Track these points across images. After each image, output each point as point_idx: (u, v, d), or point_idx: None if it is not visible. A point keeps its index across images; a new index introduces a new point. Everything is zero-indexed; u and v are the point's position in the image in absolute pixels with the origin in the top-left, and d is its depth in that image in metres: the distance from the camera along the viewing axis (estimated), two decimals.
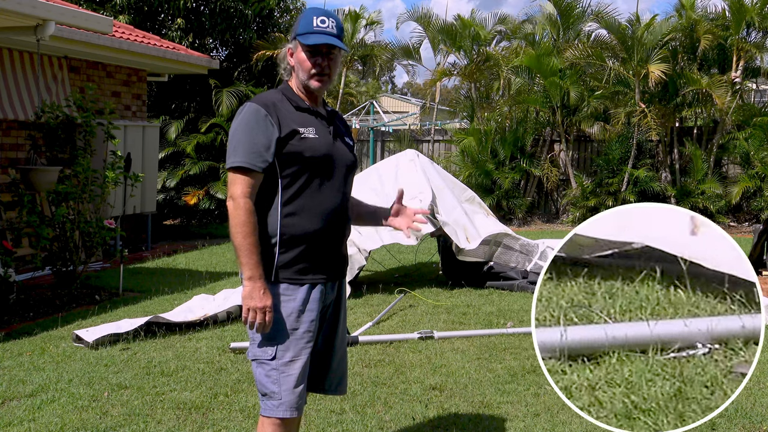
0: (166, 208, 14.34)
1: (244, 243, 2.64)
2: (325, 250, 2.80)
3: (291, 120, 2.74)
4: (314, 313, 2.77)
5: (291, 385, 2.71)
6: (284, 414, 2.70)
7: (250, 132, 2.69)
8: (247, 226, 2.64)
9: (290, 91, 2.83)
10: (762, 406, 4.32)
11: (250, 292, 2.65)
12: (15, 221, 7.26)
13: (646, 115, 14.23)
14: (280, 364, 2.71)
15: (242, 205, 2.65)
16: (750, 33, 14.89)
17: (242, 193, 2.66)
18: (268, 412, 2.72)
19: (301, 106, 2.80)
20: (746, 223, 14.45)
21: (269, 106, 2.73)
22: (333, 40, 2.76)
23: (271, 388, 2.71)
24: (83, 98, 7.74)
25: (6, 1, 5.96)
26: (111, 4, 12.77)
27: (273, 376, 2.71)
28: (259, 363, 2.75)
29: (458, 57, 17.23)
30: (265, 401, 2.73)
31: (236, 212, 2.65)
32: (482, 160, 15.36)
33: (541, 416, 4.12)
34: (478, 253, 7.83)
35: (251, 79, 14.78)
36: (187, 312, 6.19)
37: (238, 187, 2.67)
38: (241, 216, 2.64)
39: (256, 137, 2.68)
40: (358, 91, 30.92)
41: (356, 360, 5.13)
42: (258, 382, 2.76)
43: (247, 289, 2.65)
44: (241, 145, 2.68)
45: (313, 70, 2.77)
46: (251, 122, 2.70)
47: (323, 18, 2.77)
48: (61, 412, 4.11)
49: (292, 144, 2.71)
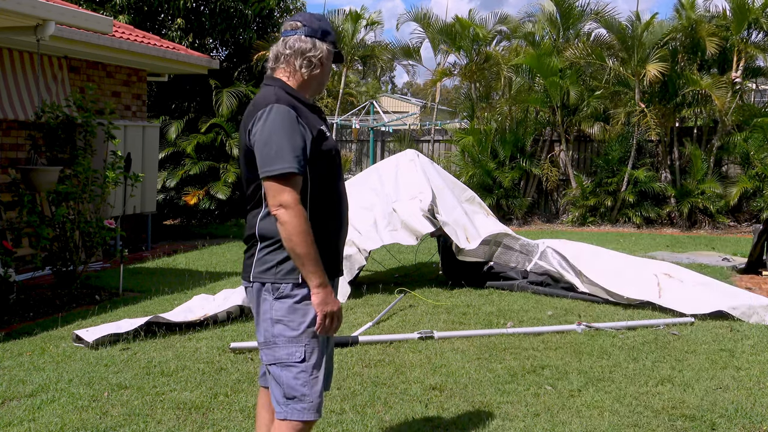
0: (166, 208, 14.34)
1: (311, 251, 2.58)
2: (339, 248, 2.83)
3: (312, 120, 2.72)
4: None
5: (319, 387, 2.70)
6: (312, 416, 2.67)
7: (286, 135, 2.60)
8: (309, 234, 2.58)
9: (295, 91, 2.77)
10: (762, 406, 4.32)
11: (324, 299, 2.62)
12: (15, 221, 7.26)
13: (645, 115, 14.23)
14: (309, 366, 2.67)
15: (299, 213, 2.57)
16: (751, 33, 14.88)
17: (294, 199, 2.57)
18: (297, 416, 2.66)
19: (314, 106, 2.81)
20: (746, 223, 14.45)
21: (296, 107, 2.67)
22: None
23: (302, 391, 2.65)
24: (83, 98, 7.74)
25: (6, 1, 5.96)
26: (111, 4, 12.76)
27: (303, 378, 2.66)
28: (284, 366, 2.67)
29: (458, 57, 17.23)
30: (293, 405, 2.66)
31: (295, 221, 2.56)
32: (482, 160, 15.36)
33: (541, 416, 4.12)
34: (478, 253, 7.83)
35: (251, 79, 14.78)
36: (187, 312, 6.18)
37: (289, 194, 2.57)
38: (301, 224, 2.57)
39: (294, 140, 2.61)
40: (358, 91, 30.90)
41: (356, 360, 5.13)
42: (286, 386, 2.67)
43: (321, 296, 2.62)
44: (282, 149, 2.58)
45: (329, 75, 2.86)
46: (286, 125, 2.62)
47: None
48: (61, 412, 4.11)
49: (324, 144, 2.71)
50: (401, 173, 8.00)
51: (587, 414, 4.17)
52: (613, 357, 5.31)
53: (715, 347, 5.59)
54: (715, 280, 7.30)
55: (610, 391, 4.57)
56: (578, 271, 7.33)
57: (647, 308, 6.81)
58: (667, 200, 14.97)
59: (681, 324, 6.28)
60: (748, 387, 4.68)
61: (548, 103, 15.48)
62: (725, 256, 10.26)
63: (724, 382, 4.76)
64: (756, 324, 6.32)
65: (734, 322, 6.38)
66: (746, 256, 9.48)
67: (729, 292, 6.89)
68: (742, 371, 5.02)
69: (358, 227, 7.44)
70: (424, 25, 17.36)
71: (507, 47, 17.45)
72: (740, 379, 4.85)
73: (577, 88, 15.04)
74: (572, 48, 15.01)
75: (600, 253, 7.71)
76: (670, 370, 5.02)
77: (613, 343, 5.68)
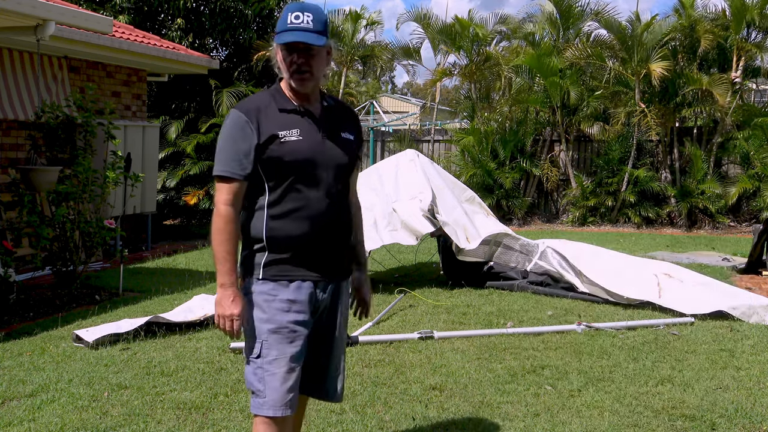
0: (166, 208, 14.34)
1: (219, 250, 2.68)
2: (313, 253, 2.76)
3: (273, 124, 2.70)
4: (301, 315, 2.74)
5: (276, 384, 2.69)
6: (268, 412, 2.70)
7: (230, 140, 2.71)
8: (223, 233, 2.68)
9: (279, 91, 2.79)
10: (762, 406, 4.32)
11: (220, 299, 2.69)
12: (15, 221, 7.26)
13: (646, 115, 14.23)
14: (264, 362, 2.71)
15: (221, 212, 2.69)
16: (750, 33, 14.88)
17: (223, 200, 2.69)
18: (255, 410, 2.74)
19: (287, 108, 2.75)
20: (746, 223, 14.45)
21: (251, 112, 2.71)
22: (305, 36, 2.64)
23: (257, 386, 2.72)
24: (83, 98, 7.74)
25: (6, 1, 5.96)
26: (111, 4, 12.76)
27: (258, 374, 2.72)
28: (247, 360, 2.77)
29: (458, 57, 17.22)
30: (253, 399, 2.75)
31: (215, 219, 2.70)
32: (483, 160, 15.36)
33: (541, 416, 4.12)
34: (478, 253, 7.83)
35: (251, 79, 14.78)
36: (187, 312, 6.19)
37: (219, 194, 2.70)
38: (218, 223, 2.69)
39: (236, 145, 2.69)
40: (358, 91, 30.88)
41: (356, 360, 5.13)
42: (246, 380, 2.78)
43: (218, 296, 2.70)
44: (222, 152, 2.72)
45: (291, 68, 2.71)
46: (232, 130, 2.71)
47: (297, 14, 2.67)
48: (61, 412, 4.11)
49: (272, 149, 2.69)
50: (401, 173, 8.00)
51: (587, 414, 4.17)
52: (613, 357, 5.31)
53: (715, 347, 5.59)
54: (715, 280, 7.30)
55: (610, 391, 4.57)
56: (578, 271, 7.33)
57: (647, 308, 6.81)
58: (667, 200, 14.97)
59: (681, 324, 6.28)
60: (748, 387, 4.68)
61: (548, 103, 15.48)
62: (725, 256, 10.26)
63: (724, 382, 4.76)
64: (756, 324, 6.32)
65: (734, 322, 6.38)
66: (746, 256, 9.48)
67: (729, 292, 6.89)
68: (742, 371, 5.02)
69: None
70: (424, 26, 17.35)
71: (507, 47, 17.46)
72: (740, 379, 4.85)
73: (577, 88, 15.03)
74: (572, 48, 15.01)
75: (600, 253, 7.71)
76: (670, 370, 5.02)
77: (613, 343, 5.68)
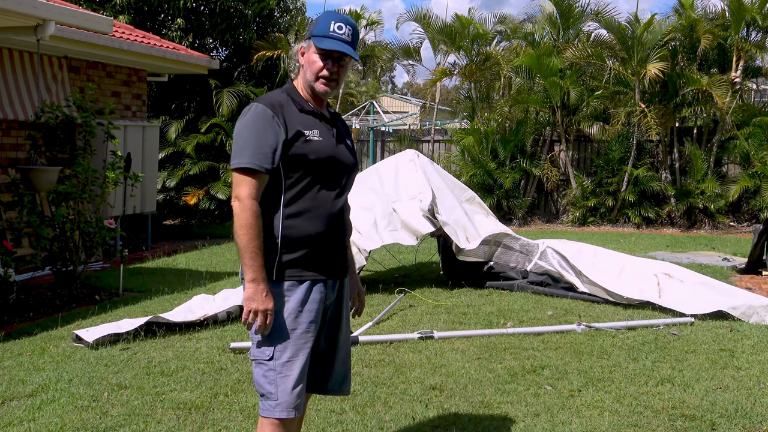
0: (166, 208, 14.34)
1: (250, 245, 2.63)
2: (325, 252, 2.80)
3: (296, 122, 2.74)
4: (313, 314, 2.76)
5: (288, 386, 2.70)
6: (281, 415, 2.70)
7: (257, 133, 2.68)
8: (253, 228, 2.64)
9: (295, 92, 2.83)
10: (762, 406, 4.32)
11: (252, 295, 2.64)
12: (15, 221, 7.26)
13: (646, 115, 14.23)
14: (277, 364, 2.70)
15: (249, 207, 2.64)
16: (750, 33, 14.89)
17: (248, 194, 2.65)
18: (266, 413, 2.72)
19: (306, 109, 2.80)
20: (746, 223, 14.45)
21: (276, 107, 2.72)
22: (346, 48, 2.76)
23: (268, 389, 2.71)
24: (83, 98, 7.74)
25: (6, 1, 5.96)
26: (111, 4, 12.76)
27: (270, 376, 2.71)
28: (257, 363, 2.75)
29: (458, 57, 17.23)
30: (263, 401, 2.74)
31: (242, 214, 2.64)
32: (483, 160, 15.36)
33: (541, 416, 4.12)
34: (478, 253, 7.83)
35: (251, 79, 14.78)
36: (187, 312, 6.19)
37: (244, 188, 2.65)
38: (247, 218, 2.63)
39: (264, 138, 2.67)
40: (358, 91, 30.85)
41: (356, 360, 5.13)
42: (256, 383, 2.76)
43: (250, 291, 2.64)
44: (248, 145, 2.67)
45: (321, 73, 2.77)
46: (258, 123, 2.69)
47: (341, 24, 2.77)
48: (61, 412, 4.11)
49: (298, 146, 2.71)
50: (401, 173, 8.00)
51: (587, 414, 4.17)
52: (613, 357, 5.31)
53: (715, 347, 5.59)
54: (715, 280, 7.30)
55: (610, 391, 4.57)
56: (578, 271, 7.33)
57: (647, 308, 6.81)
58: (667, 200, 14.97)
59: (681, 324, 6.27)
60: (748, 387, 4.68)
61: (548, 104, 15.48)
62: (725, 256, 10.26)
63: (724, 382, 4.76)
64: (756, 324, 6.32)
65: (734, 322, 6.38)
66: (746, 256, 9.48)
67: (729, 292, 6.89)
68: (742, 371, 5.02)
69: (359, 227, 7.44)
70: (424, 25, 17.36)
71: (507, 47, 17.46)
72: (740, 379, 4.85)
73: (577, 88, 15.03)
74: (572, 48, 15.01)
75: (600, 253, 7.70)
76: (670, 370, 5.02)
77: (613, 343, 5.68)
